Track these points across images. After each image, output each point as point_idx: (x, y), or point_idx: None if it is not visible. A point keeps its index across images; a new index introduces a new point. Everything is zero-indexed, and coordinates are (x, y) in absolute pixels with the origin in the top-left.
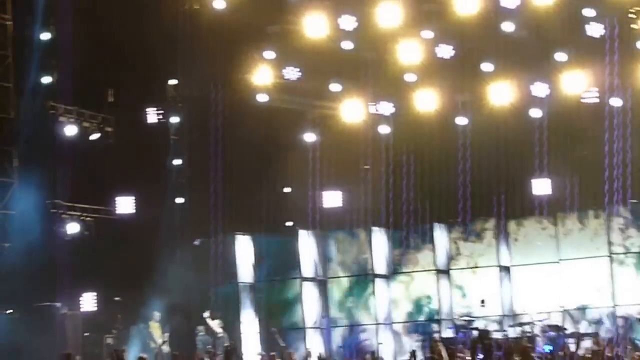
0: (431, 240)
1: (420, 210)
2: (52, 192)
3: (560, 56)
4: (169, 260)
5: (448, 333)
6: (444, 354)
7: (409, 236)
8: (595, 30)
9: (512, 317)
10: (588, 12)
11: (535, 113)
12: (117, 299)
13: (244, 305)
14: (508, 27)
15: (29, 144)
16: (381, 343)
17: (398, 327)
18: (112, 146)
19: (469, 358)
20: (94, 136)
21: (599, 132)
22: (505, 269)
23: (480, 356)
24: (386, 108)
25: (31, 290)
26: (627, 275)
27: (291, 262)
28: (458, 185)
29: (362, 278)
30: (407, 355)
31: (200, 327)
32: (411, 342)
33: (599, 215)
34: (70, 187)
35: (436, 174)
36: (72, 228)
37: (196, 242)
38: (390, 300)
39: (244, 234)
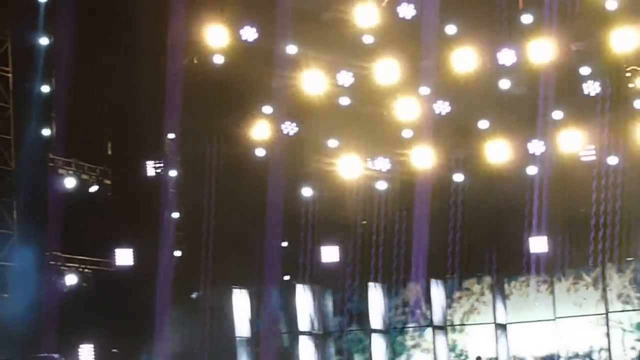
0: (428, 297)
1: (417, 265)
2: (51, 244)
3: (557, 114)
4: (167, 313)
5: None
6: None
7: (402, 292)
8: (591, 88)
9: None
10: (584, 70)
11: (532, 170)
12: (114, 350)
13: (240, 358)
14: (505, 84)
15: (28, 196)
16: None
17: None
18: (111, 199)
19: None
20: (93, 188)
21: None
22: (501, 326)
23: None
24: (383, 164)
25: (30, 341)
26: (623, 334)
27: (288, 316)
28: (454, 242)
29: (359, 333)
30: None
31: None
32: None
33: (594, 273)
34: (68, 239)
35: (433, 230)
36: (71, 280)
37: (193, 296)
38: (386, 356)
39: (240, 288)
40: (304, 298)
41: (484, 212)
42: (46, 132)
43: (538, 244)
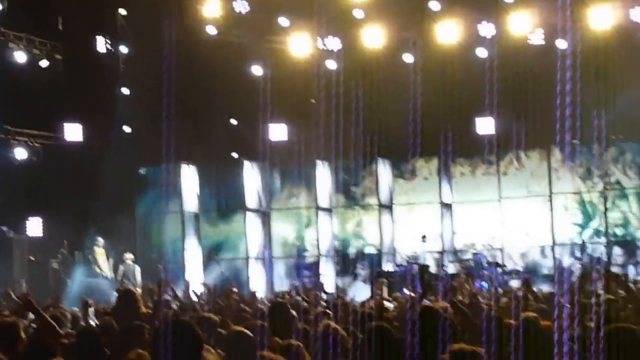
0: (374, 176)
1: (365, 144)
2: (1, 117)
3: None
4: (116, 188)
5: (388, 267)
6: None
7: (352, 171)
8: None
9: (452, 253)
10: None
11: (481, 53)
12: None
13: (188, 234)
14: None
15: None
16: (322, 274)
17: (342, 259)
18: (61, 74)
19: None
20: (44, 63)
21: (545, 73)
22: (447, 206)
23: (420, 291)
24: (334, 43)
25: None
26: (566, 215)
27: (236, 194)
28: (403, 123)
29: (305, 210)
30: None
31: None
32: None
33: (541, 155)
34: (18, 114)
35: (383, 110)
36: (20, 153)
37: (142, 171)
38: (333, 234)
39: (189, 164)
40: (251, 175)
41: (433, 93)
42: None
43: (485, 126)
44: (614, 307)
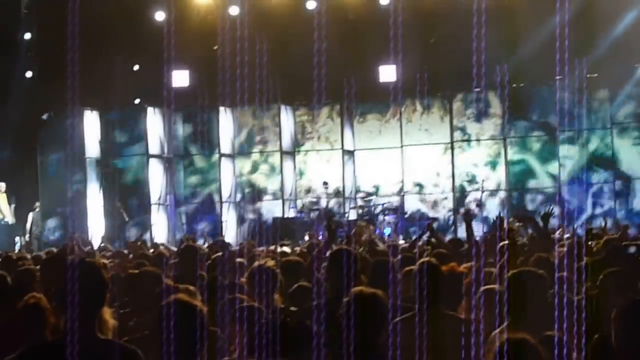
0: (277, 121)
1: (268, 91)
2: None
3: None
4: (18, 134)
5: (290, 213)
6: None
7: (255, 116)
8: None
9: (354, 199)
10: None
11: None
12: None
13: (90, 179)
14: None
15: None
16: (225, 221)
17: (245, 206)
18: None
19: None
20: None
21: (450, 18)
22: (349, 153)
23: (322, 237)
24: None
25: None
26: (467, 161)
27: (138, 139)
28: (306, 69)
29: (208, 156)
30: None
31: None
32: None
33: (442, 102)
34: None
35: (285, 57)
36: None
37: (44, 117)
38: (235, 179)
39: (92, 110)
40: (154, 121)
41: (338, 39)
42: None
43: (388, 73)
44: (521, 251)
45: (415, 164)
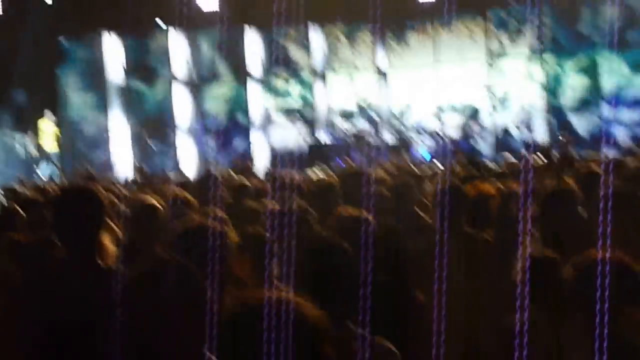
0: (307, 42)
1: (295, 10)
2: None
3: None
4: (35, 60)
5: (323, 136)
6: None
7: (283, 37)
8: None
9: (389, 122)
10: None
11: None
12: None
13: (113, 105)
14: None
15: None
16: (251, 143)
17: (275, 132)
18: None
19: None
20: None
21: None
22: (383, 73)
23: (360, 159)
24: None
25: None
26: (505, 80)
27: (161, 62)
28: None
29: (237, 80)
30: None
31: None
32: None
33: (478, 19)
34: None
35: None
36: None
37: (64, 41)
38: (263, 103)
39: (112, 33)
40: (178, 44)
41: None
42: None
43: None
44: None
45: (451, 84)
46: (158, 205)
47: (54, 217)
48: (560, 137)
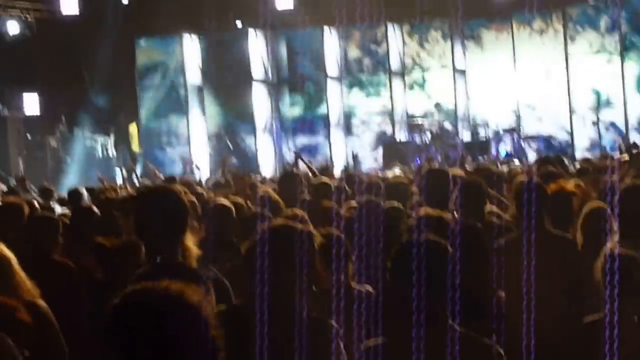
0: (384, 41)
1: (373, 10)
2: None
3: None
4: (114, 61)
5: (401, 136)
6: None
7: (361, 37)
8: None
9: (467, 120)
10: None
11: None
12: None
13: (191, 106)
14: None
15: None
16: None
17: (356, 131)
18: None
19: None
20: None
21: None
22: (461, 71)
23: (439, 158)
24: None
25: None
26: (584, 77)
27: (241, 63)
28: None
29: (315, 81)
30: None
31: None
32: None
33: (556, 15)
34: None
35: None
36: (13, 27)
37: (142, 42)
38: (343, 103)
39: (190, 33)
40: (257, 44)
41: None
42: None
43: None
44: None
45: (529, 82)
46: (244, 204)
47: (137, 219)
48: None
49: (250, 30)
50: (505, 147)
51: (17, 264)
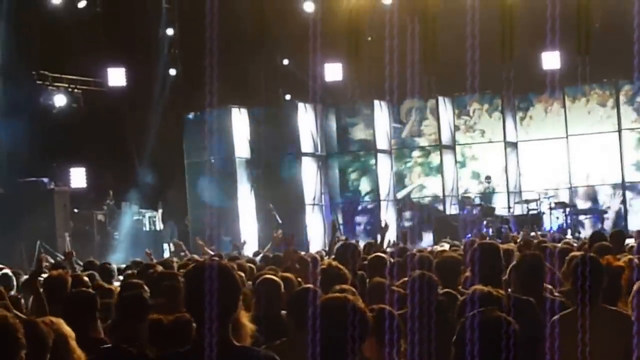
0: (436, 115)
1: (424, 84)
2: (38, 62)
3: None
4: (162, 134)
5: (452, 210)
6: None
7: (411, 111)
8: None
9: (519, 194)
10: None
11: None
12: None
13: (240, 181)
14: None
15: (15, 15)
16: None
17: (405, 206)
18: (101, 14)
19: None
20: (82, 4)
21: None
22: (512, 145)
23: (490, 232)
24: None
25: (17, 166)
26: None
27: (290, 137)
28: (462, 58)
29: (364, 154)
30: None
31: None
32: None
33: (609, 89)
34: (56, 58)
35: (440, 46)
36: (60, 100)
37: (189, 116)
38: (392, 176)
39: (239, 108)
40: (306, 118)
41: (493, 26)
42: None
43: (551, 60)
44: None
45: (582, 155)
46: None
47: (187, 295)
48: None
49: (300, 104)
50: (558, 221)
51: (74, 340)
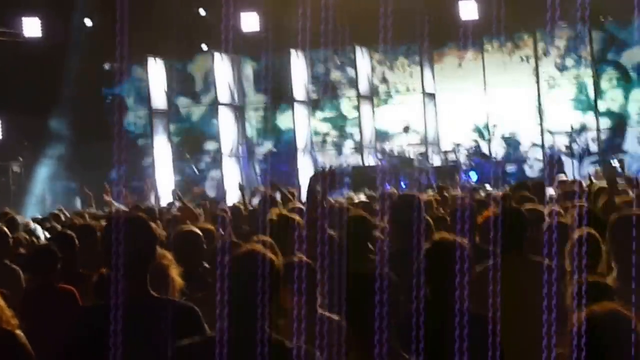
0: (353, 65)
1: (341, 34)
2: None
3: None
4: (79, 85)
5: (370, 161)
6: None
7: (329, 60)
8: None
9: (436, 144)
10: None
11: None
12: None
13: (156, 132)
14: None
15: None
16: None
17: (320, 155)
18: None
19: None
20: None
21: None
22: (430, 95)
23: (404, 185)
24: None
25: None
26: (556, 101)
27: (207, 87)
28: (380, 8)
29: (279, 104)
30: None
31: None
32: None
33: (527, 39)
34: None
35: None
36: None
37: (106, 67)
38: (310, 128)
39: (156, 58)
40: (222, 68)
41: None
42: None
43: (468, 10)
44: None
45: (500, 105)
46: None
47: (103, 248)
48: (614, 161)
49: (216, 54)
50: (476, 171)
51: None
